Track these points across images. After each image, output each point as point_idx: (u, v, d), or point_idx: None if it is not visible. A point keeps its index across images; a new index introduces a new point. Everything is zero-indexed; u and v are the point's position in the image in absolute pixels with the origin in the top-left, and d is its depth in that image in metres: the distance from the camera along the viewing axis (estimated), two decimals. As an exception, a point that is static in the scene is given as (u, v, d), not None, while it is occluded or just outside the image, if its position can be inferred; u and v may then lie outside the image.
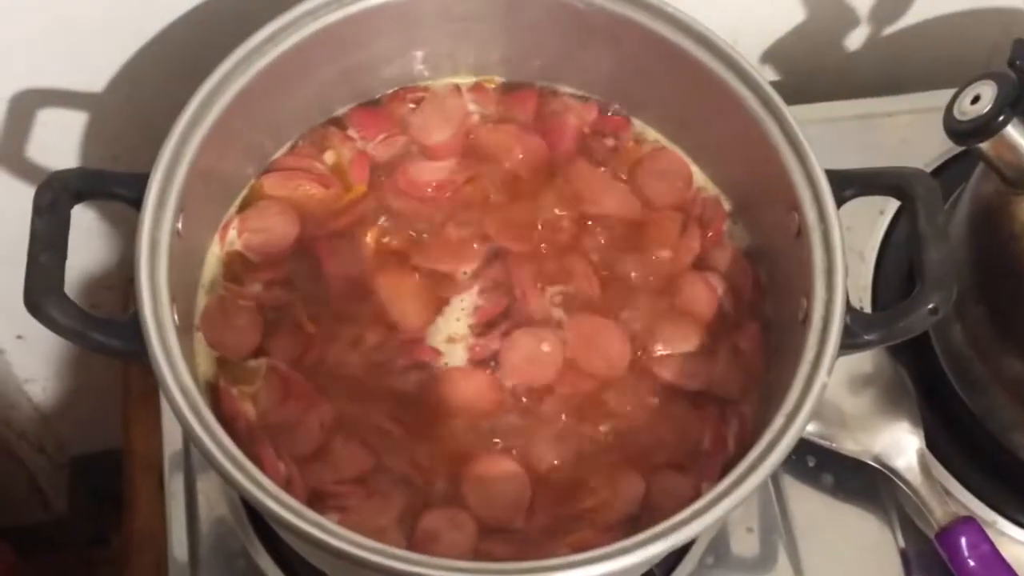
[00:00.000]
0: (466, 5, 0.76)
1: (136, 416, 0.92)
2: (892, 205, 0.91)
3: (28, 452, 1.21)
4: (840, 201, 0.70)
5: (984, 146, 0.72)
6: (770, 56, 0.99)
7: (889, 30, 0.98)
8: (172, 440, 0.84)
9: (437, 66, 0.80)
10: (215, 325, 0.73)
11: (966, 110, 0.72)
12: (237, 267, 0.75)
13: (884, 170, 0.71)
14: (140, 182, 0.67)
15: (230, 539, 0.81)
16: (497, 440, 0.72)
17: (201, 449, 0.62)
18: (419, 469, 0.70)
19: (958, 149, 0.88)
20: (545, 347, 0.74)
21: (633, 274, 0.76)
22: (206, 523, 0.81)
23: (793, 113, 0.72)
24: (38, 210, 0.65)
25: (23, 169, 0.89)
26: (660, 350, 0.75)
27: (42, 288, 0.63)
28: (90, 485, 1.30)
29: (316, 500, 0.69)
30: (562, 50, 0.79)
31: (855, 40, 0.99)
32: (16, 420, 1.16)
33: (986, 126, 0.71)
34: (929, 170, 0.92)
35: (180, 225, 0.68)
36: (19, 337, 1.07)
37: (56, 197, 0.65)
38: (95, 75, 0.85)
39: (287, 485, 0.68)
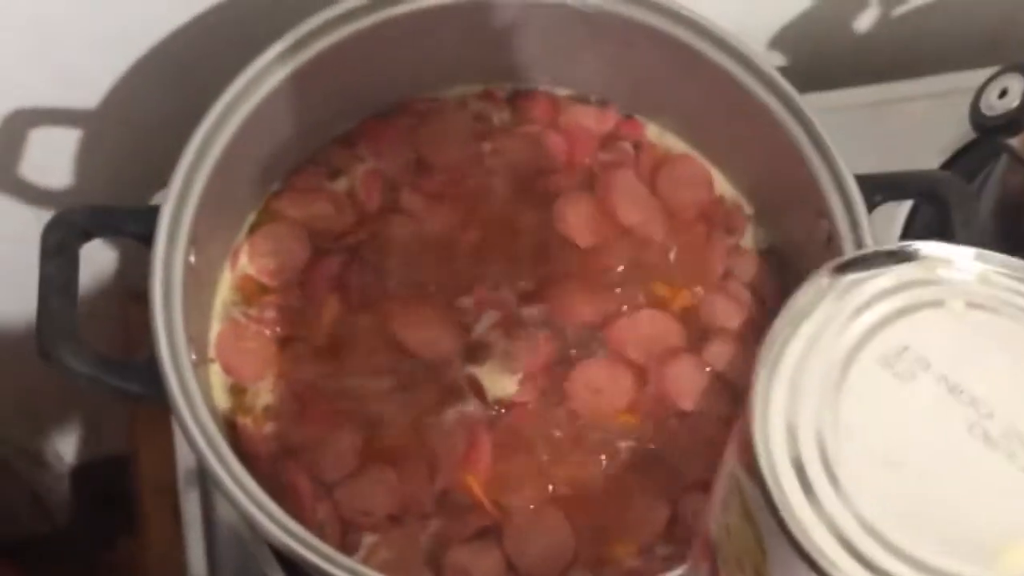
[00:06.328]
0: (474, 15, 0.73)
1: (144, 438, 0.89)
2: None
3: (27, 466, 1.19)
4: (870, 207, 0.68)
5: (1014, 142, 0.71)
6: (778, 42, 0.96)
7: (900, 10, 0.96)
8: (185, 460, 0.81)
9: (446, 75, 0.78)
10: (230, 351, 0.71)
11: (993, 104, 0.70)
12: (249, 291, 0.73)
13: (914, 174, 0.70)
14: (150, 216, 0.65)
15: (250, 563, 0.79)
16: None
17: (230, 499, 0.60)
18: (450, 503, 0.68)
19: (975, 134, 0.86)
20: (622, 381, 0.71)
21: (664, 291, 0.74)
22: (224, 547, 0.79)
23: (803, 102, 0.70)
24: (46, 252, 0.62)
25: (20, 191, 0.86)
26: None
27: (55, 334, 0.61)
28: (92, 494, 1.27)
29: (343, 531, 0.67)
30: (575, 55, 0.76)
31: (865, 22, 0.96)
32: (14, 435, 1.14)
33: (1016, 122, 0.69)
34: (946, 156, 0.89)
35: (192, 258, 0.66)
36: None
37: (64, 238, 0.63)
38: (89, 92, 0.82)
39: (323, 521, 0.67)
